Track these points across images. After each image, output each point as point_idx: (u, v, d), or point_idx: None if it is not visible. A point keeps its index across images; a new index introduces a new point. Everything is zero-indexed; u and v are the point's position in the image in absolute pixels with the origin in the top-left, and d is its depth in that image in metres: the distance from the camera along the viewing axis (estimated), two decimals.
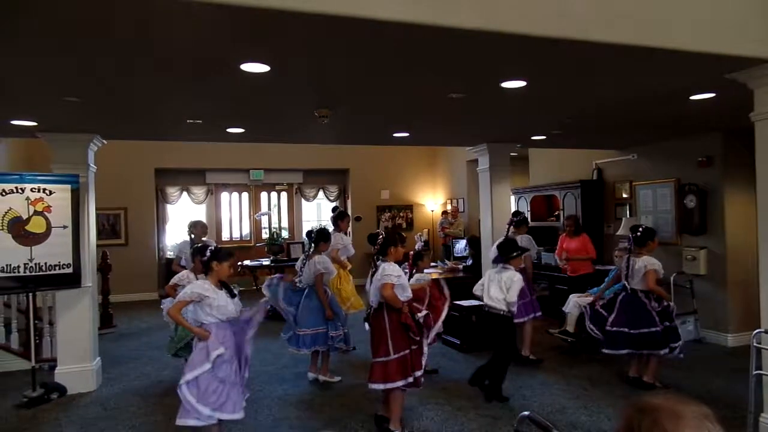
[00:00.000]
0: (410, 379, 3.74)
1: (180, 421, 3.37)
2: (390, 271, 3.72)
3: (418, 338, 3.79)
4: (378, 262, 3.88)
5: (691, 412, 1.14)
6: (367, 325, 3.89)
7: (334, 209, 7.00)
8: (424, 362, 3.86)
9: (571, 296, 6.08)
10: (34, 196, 4.73)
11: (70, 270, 4.86)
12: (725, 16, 3.07)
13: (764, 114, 3.43)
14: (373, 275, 3.87)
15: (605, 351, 4.83)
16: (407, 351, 3.74)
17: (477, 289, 4.80)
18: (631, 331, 4.70)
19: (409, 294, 3.84)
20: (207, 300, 3.41)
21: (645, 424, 1.14)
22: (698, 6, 3.01)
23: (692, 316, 6.31)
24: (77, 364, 5.03)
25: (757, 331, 3.50)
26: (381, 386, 3.75)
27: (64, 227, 4.84)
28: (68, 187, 4.87)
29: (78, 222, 4.93)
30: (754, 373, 3.52)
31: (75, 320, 5.04)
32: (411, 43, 2.80)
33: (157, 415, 4.44)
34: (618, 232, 7.23)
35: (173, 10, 2.31)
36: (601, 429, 3.99)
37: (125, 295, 9.81)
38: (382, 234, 3.95)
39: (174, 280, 4.77)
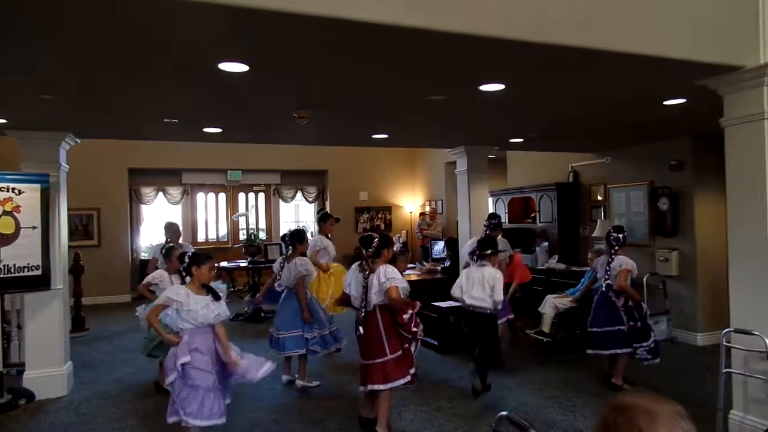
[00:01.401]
0: (408, 378, 3.83)
1: (170, 420, 3.43)
2: (394, 274, 3.78)
3: (410, 337, 3.89)
4: (372, 265, 3.85)
5: (665, 411, 1.17)
6: (360, 329, 3.84)
7: (319, 211, 6.98)
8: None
9: (547, 297, 6.17)
10: (2, 195, 4.59)
11: (39, 272, 4.74)
12: (697, 24, 3.16)
13: (733, 120, 3.54)
14: (367, 278, 3.82)
15: (589, 352, 4.92)
16: (400, 351, 3.82)
17: (455, 291, 4.76)
18: (598, 330, 4.84)
19: (405, 295, 3.91)
20: (177, 305, 3.40)
21: (620, 422, 1.17)
22: (671, 14, 3.09)
23: (665, 316, 6.46)
24: (47, 369, 4.89)
25: (726, 330, 3.60)
26: (382, 386, 3.77)
27: (34, 228, 4.72)
28: (38, 186, 4.75)
29: (48, 222, 4.80)
30: (724, 371, 3.61)
31: (44, 323, 4.91)
32: (391, 45, 2.81)
33: (131, 419, 4.36)
34: (593, 234, 7.36)
35: (153, 8, 2.27)
36: (576, 428, 4.05)
37: (98, 297, 9.59)
38: (377, 237, 3.93)
39: (147, 279, 4.72)
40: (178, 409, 3.35)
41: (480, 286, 4.56)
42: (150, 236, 10.93)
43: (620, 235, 4.91)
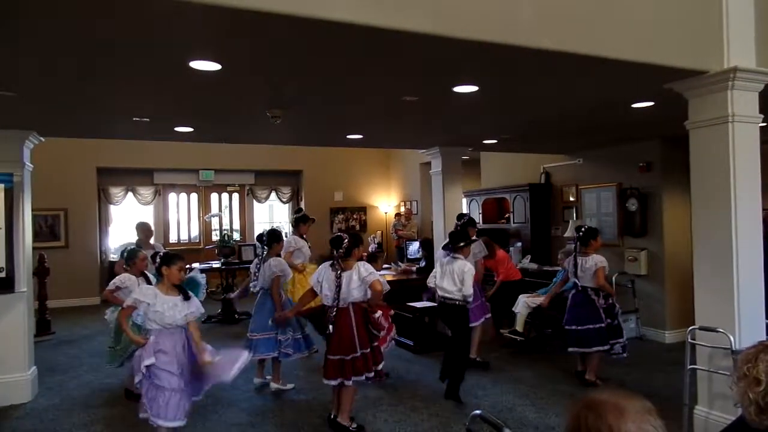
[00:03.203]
0: (371, 374, 3.91)
1: (141, 415, 3.39)
2: (372, 269, 3.91)
3: (379, 334, 3.99)
4: (343, 264, 3.92)
5: (634, 407, 1.19)
6: (330, 327, 3.89)
7: (297, 211, 6.88)
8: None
9: (520, 296, 6.23)
10: None
11: (2, 274, 4.57)
12: (663, 29, 3.24)
13: (698, 123, 3.63)
14: (338, 277, 3.85)
15: (570, 350, 5.01)
16: (368, 349, 3.90)
17: (430, 281, 4.90)
18: (579, 328, 4.91)
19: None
20: (145, 307, 3.38)
21: (591, 419, 1.19)
22: (638, 19, 3.16)
23: (634, 314, 6.60)
24: (10, 374, 4.74)
25: (691, 327, 3.70)
26: (350, 381, 3.85)
27: None
28: (1, 186, 4.59)
29: (12, 223, 4.64)
30: (689, 367, 3.72)
31: (8, 327, 4.74)
32: (365, 45, 2.80)
33: (99, 425, 4.25)
34: (565, 234, 7.48)
35: (115, 6, 2.22)
36: (548, 425, 4.11)
37: (65, 300, 9.33)
38: (347, 237, 3.96)
39: (114, 283, 4.58)
40: (146, 407, 3.34)
41: (450, 278, 4.64)
42: (119, 237, 10.68)
43: (577, 235, 5.09)
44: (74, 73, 3.24)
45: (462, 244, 4.73)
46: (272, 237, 5.05)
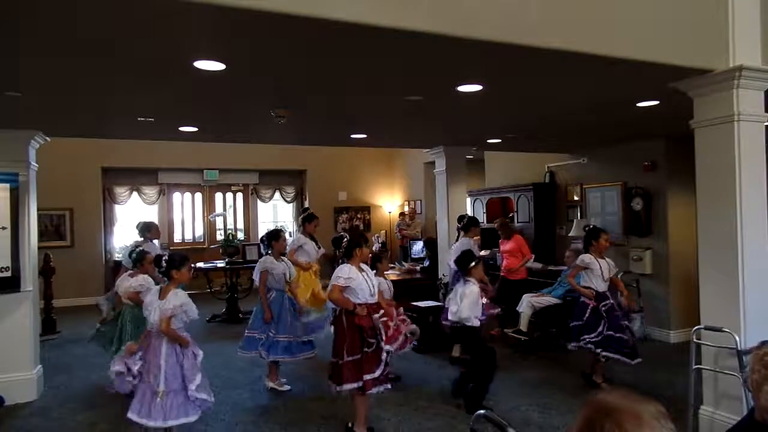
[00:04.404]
0: (359, 384, 3.68)
1: (181, 421, 3.45)
2: (339, 273, 3.74)
3: (372, 341, 3.74)
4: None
5: (650, 413, 1.16)
6: (332, 328, 3.89)
7: (305, 210, 6.89)
8: (380, 370, 3.75)
9: (524, 296, 6.22)
10: None
11: (8, 273, 4.60)
12: (668, 28, 3.22)
13: (703, 122, 3.62)
14: None
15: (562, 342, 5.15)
16: (359, 355, 3.71)
17: (448, 304, 4.72)
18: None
19: (367, 296, 3.80)
20: (186, 306, 3.47)
21: (607, 426, 1.14)
22: (644, 18, 3.14)
23: (639, 314, 6.57)
24: (16, 373, 4.76)
25: (696, 327, 3.68)
26: (338, 387, 3.75)
27: (3, 228, 4.58)
28: (7, 186, 4.61)
29: (18, 223, 4.67)
30: (694, 367, 3.70)
31: (13, 326, 4.77)
32: (367, 45, 2.80)
33: (104, 424, 4.26)
34: (570, 233, 7.45)
35: (119, 3, 2.22)
36: (552, 425, 4.10)
37: (71, 299, 9.37)
38: (346, 237, 3.93)
39: (134, 287, 4.47)
40: (211, 399, 3.56)
41: (455, 301, 4.46)
42: (124, 237, 10.71)
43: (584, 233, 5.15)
44: (75, 74, 3.25)
45: (472, 264, 4.48)
46: (270, 236, 5.10)
